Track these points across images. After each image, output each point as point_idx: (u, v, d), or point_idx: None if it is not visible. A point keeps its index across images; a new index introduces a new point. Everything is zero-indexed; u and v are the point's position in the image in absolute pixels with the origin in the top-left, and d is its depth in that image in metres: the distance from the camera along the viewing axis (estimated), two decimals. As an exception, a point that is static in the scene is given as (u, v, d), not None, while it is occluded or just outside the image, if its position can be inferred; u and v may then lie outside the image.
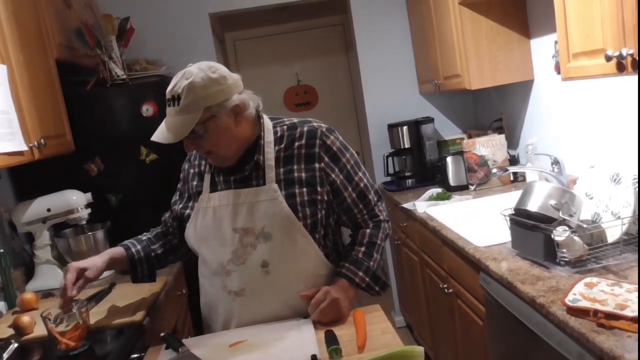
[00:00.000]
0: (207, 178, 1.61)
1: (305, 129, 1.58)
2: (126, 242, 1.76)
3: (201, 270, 1.66)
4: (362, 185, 1.61)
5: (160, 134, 1.47)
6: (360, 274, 1.58)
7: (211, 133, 1.46)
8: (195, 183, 1.65)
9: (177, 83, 1.44)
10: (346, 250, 1.66)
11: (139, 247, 1.73)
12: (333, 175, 1.56)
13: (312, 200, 1.54)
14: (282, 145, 1.56)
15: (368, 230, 1.64)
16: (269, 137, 1.56)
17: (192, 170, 1.68)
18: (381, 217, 1.67)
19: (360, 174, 1.62)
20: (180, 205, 1.68)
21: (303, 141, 1.56)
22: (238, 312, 1.55)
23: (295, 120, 1.62)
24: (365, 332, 1.40)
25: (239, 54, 4.85)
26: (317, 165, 1.55)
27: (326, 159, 1.56)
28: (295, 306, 1.53)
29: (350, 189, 1.59)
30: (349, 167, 1.59)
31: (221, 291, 1.56)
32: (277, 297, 1.53)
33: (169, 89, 1.46)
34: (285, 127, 1.59)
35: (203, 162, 1.65)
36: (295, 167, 1.54)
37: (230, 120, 1.48)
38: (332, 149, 1.57)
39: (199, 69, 1.44)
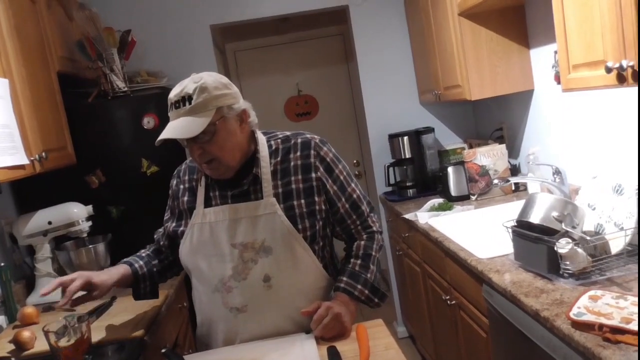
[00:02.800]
0: (200, 193, 1.59)
1: (299, 140, 1.59)
2: (128, 259, 1.74)
3: (197, 288, 1.62)
4: (355, 196, 1.63)
5: (172, 131, 1.43)
6: (359, 287, 1.57)
7: (220, 136, 1.45)
8: (186, 199, 1.62)
9: (186, 86, 1.44)
10: (342, 264, 1.67)
11: (141, 262, 1.71)
12: (327, 185, 1.58)
13: (311, 212, 1.54)
14: (278, 159, 1.57)
15: (362, 242, 1.65)
16: (263, 150, 1.57)
17: (181, 186, 1.66)
18: (374, 228, 1.68)
19: (353, 185, 1.64)
20: (173, 224, 1.66)
21: (298, 153, 1.57)
22: (241, 328, 1.53)
23: (287, 133, 1.64)
24: (368, 348, 1.39)
25: (240, 65, 4.86)
26: (313, 174, 1.56)
27: (321, 168, 1.57)
28: (298, 320, 1.53)
29: (343, 199, 1.61)
30: (342, 178, 1.61)
31: (222, 308, 1.54)
32: (280, 312, 1.52)
33: (175, 92, 1.45)
34: (279, 140, 1.60)
35: (194, 177, 1.63)
36: (292, 178, 1.55)
37: (237, 125, 1.50)
38: (326, 160, 1.59)
39: (207, 74, 1.47)
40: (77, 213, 2.43)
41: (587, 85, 1.61)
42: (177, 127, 1.42)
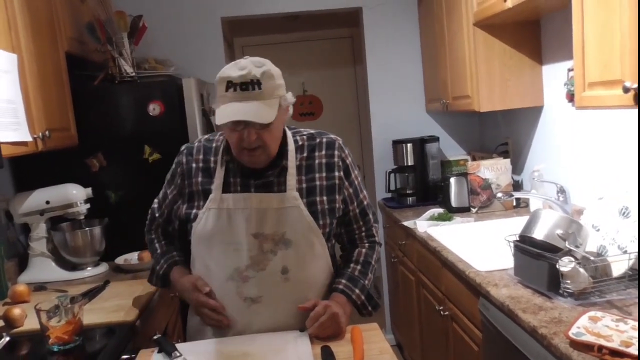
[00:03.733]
0: (219, 176, 1.54)
1: (325, 139, 1.62)
2: (167, 257, 1.69)
3: (207, 276, 1.55)
4: (365, 203, 1.66)
5: (245, 114, 1.37)
6: (357, 291, 1.59)
7: (275, 125, 1.44)
8: (200, 179, 1.56)
9: (249, 69, 1.39)
10: (341, 267, 1.67)
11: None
12: (344, 187, 1.60)
13: (332, 209, 1.56)
14: (304, 155, 1.58)
15: (364, 250, 1.67)
16: (291, 144, 1.57)
17: (193, 165, 1.58)
18: (376, 239, 1.71)
19: (364, 192, 1.67)
20: (185, 206, 1.59)
21: (323, 151, 1.59)
22: (253, 319, 1.51)
23: (311, 131, 1.65)
24: (362, 351, 1.38)
25: (247, 60, 4.83)
26: (336, 173, 1.58)
27: (342, 169, 1.60)
28: (305, 315, 1.50)
29: (355, 203, 1.64)
30: (356, 183, 1.64)
31: (235, 297, 1.51)
32: (292, 305, 1.51)
33: (237, 73, 1.38)
34: (305, 137, 1.61)
35: (211, 158, 1.57)
36: (317, 175, 1.56)
37: (284, 115, 1.49)
38: (346, 162, 1.62)
39: (265, 61, 1.44)
40: (75, 195, 2.41)
41: (602, 104, 1.60)
42: (250, 111, 1.38)
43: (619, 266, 1.61)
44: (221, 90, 1.41)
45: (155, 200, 1.73)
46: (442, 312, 2.38)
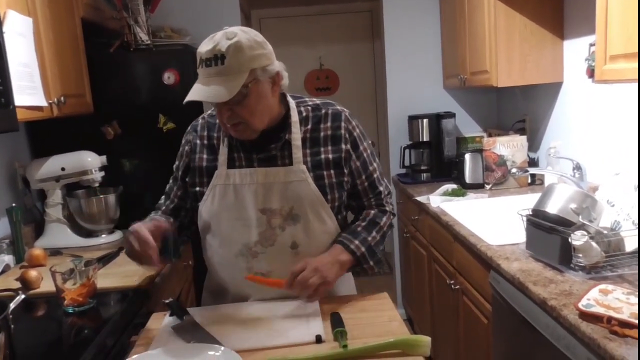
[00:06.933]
0: (223, 152, 1.52)
1: (330, 110, 1.56)
2: (153, 216, 1.59)
3: (217, 251, 1.55)
4: (374, 176, 1.60)
5: (201, 93, 1.34)
6: (357, 242, 1.51)
7: (251, 99, 1.38)
8: (205, 156, 1.55)
9: (219, 42, 1.33)
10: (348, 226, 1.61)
11: (170, 220, 1.57)
12: (351, 160, 1.55)
13: (340, 183, 1.52)
14: (309, 127, 1.52)
15: (373, 211, 1.61)
16: (294, 116, 1.52)
17: (198, 142, 1.57)
18: (387, 208, 1.64)
19: (375, 164, 1.61)
20: (190, 182, 1.56)
21: (329, 123, 1.53)
22: (265, 293, 1.49)
23: (317, 100, 1.59)
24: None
25: (264, 33, 4.68)
26: (343, 146, 1.53)
27: (349, 141, 1.54)
28: None
29: (363, 176, 1.58)
30: (365, 155, 1.58)
31: (245, 273, 1.49)
32: None
33: (207, 48, 1.34)
34: (309, 107, 1.55)
35: (215, 135, 1.56)
36: (322, 149, 1.52)
37: (269, 88, 1.43)
38: (354, 134, 1.56)
39: (241, 31, 1.37)
40: (90, 162, 2.43)
41: (623, 77, 1.56)
42: (207, 90, 1.34)
43: (632, 241, 1.59)
44: (197, 66, 1.39)
45: (162, 197, 1.68)
46: (453, 286, 2.38)
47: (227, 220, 1.51)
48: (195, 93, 1.36)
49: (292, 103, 1.54)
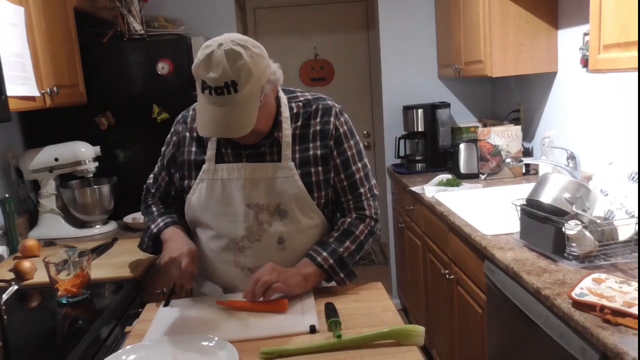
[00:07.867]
0: (211, 147, 1.50)
1: (320, 106, 1.53)
2: (165, 217, 1.60)
3: (206, 245, 1.55)
4: (357, 176, 1.54)
5: (220, 129, 1.30)
6: (325, 254, 1.47)
7: (260, 111, 1.35)
8: (194, 149, 1.52)
9: (224, 67, 1.25)
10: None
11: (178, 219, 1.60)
12: (332, 156, 1.51)
13: (327, 180, 1.51)
14: (299, 123, 1.50)
15: (349, 220, 1.54)
16: (285, 112, 1.50)
17: (187, 134, 1.54)
18: (367, 212, 1.56)
19: (360, 165, 1.55)
20: (177, 175, 1.56)
21: (318, 119, 1.51)
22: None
23: (308, 95, 1.56)
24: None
25: (259, 23, 4.78)
26: (329, 142, 1.50)
27: (334, 138, 1.51)
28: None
29: (342, 175, 1.53)
30: (349, 154, 1.53)
31: (233, 267, 1.51)
32: None
33: (213, 75, 1.26)
34: (300, 103, 1.53)
35: None
36: (310, 145, 1.50)
37: (272, 94, 1.43)
38: (340, 131, 1.52)
39: (240, 47, 1.28)
40: (84, 152, 2.42)
41: (617, 66, 1.56)
42: (227, 123, 1.29)
43: (626, 230, 1.60)
44: (198, 86, 1.32)
45: (151, 176, 1.68)
46: (447, 276, 2.39)
47: (214, 214, 1.50)
48: (214, 127, 1.31)
49: (283, 99, 1.52)
